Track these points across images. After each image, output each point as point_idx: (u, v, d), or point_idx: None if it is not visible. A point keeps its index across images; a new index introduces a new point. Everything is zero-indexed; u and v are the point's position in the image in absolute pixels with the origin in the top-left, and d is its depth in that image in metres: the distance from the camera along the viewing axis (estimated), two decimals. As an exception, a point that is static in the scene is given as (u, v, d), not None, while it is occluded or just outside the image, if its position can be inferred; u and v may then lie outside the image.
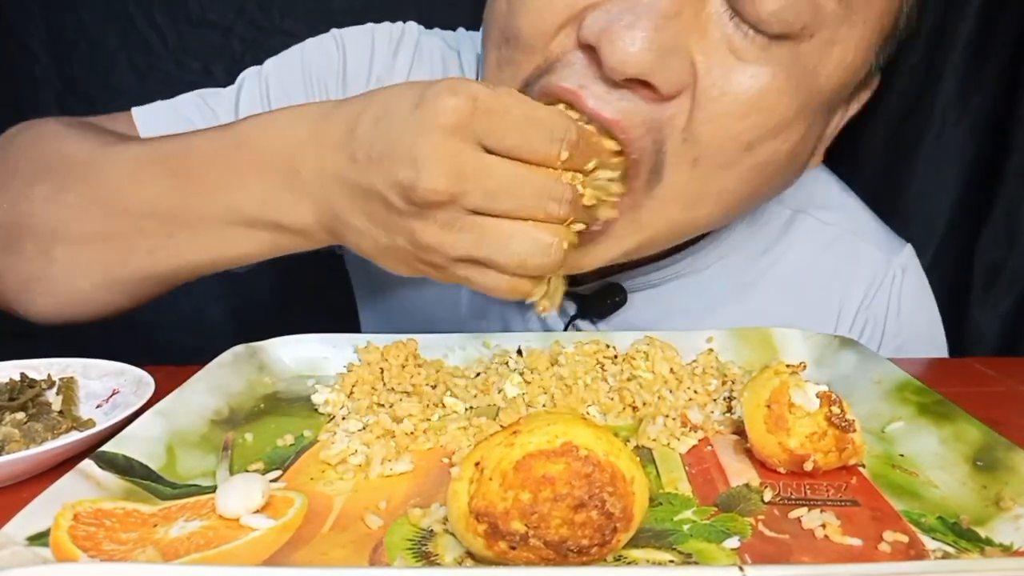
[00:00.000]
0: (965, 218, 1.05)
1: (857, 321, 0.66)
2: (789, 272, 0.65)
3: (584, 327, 0.65)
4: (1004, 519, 0.37)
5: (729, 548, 0.35)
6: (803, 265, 0.65)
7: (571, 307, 0.65)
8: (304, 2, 1.06)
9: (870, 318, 0.66)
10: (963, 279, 1.04)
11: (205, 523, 0.37)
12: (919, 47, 1.02)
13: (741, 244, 0.65)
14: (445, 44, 0.70)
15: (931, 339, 0.71)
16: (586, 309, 0.64)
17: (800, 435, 0.41)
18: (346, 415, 0.50)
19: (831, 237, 0.66)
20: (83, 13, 1.06)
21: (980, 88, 1.01)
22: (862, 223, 0.68)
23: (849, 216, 0.68)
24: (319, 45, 0.70)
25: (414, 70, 0.68)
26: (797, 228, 0.66)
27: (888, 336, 0.68)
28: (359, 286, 0.81)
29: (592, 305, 0.63)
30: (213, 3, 1.06)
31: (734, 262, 0.64)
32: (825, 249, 0.66)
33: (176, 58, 1.07)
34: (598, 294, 0.62)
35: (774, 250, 0.65)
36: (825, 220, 0.66)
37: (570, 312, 0.65)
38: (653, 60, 0.41)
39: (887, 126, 1.06)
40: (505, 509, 0.32)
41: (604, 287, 0.62)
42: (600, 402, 0.52)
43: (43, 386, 0.53)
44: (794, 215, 0.66)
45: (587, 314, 0.64)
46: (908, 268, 0.67)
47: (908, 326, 0.69)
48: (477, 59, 0.68)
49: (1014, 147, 1.00)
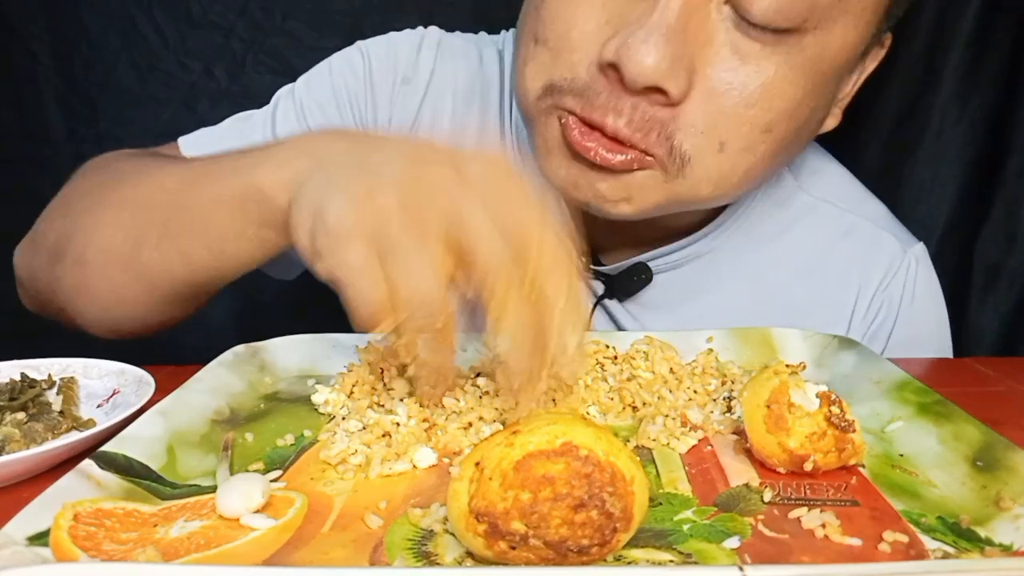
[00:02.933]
0: (965, 218, 1.05)
1: (874, 303, 0.68)
2: (810, 255, 0.67)
3: (611, 307, 0.67)
4: (1004, 519, 0.37)
5: (729, 548, 0.35)
6: (824, 249, 0.68)
7: (599, 288, 0.66)
8: (305, 2, 1.06)
9: (886, 300, 0.68)
10: (963, 279, 1.04)
11: (205, 523, 0.37)
12: (919, 47, 1.02)
13: (762, 226, 0.67)
14: (466, 43, 0.73)
15: (940, 337, 0.73)
16: (613, 288, 0.66)
17: (800, 435, 0.41)
18: (346, 415, 0.50)
19: (851, 224, 0.68)
20: (84, 13, 1.06)
21: (979, 88, 1.01)
22: (881, 216, 0.71)
23: (870, 208, 0.71)
24: (345, 58, 0.73)
25: (437, 67, 0.70)
26: (818, 214, 0.69)
27: (901, 323, 0.69)
28: None
29: (618, 284, 0.65)
30: (214, 4, 1.06)
31: (755, 243, 0.67)
32: (845, 235, 0.68)
33: (177, 58, 1.07)
34: (624, 274, 0.65)
35: (795, 232, 0.68)
36: (846, 208, 0.69)
37: (598, 292, 0.66)
38: (665, 69, 0.45)
39: (887, 126, 1.06)
40: (505, 509, 0.32)
41: (630, 267, 0.64)
42: (600, 402, 0.52)
43: (44, 386, 0.53)
44: (816, 203, 0.69)
45: (613, 293, 0.66)
46: (922, 261, 0.70)
47: (922, 318, 0.70)
48: (498, 56, 0.71)
49: (1014, 147, 1.00)
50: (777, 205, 0.68)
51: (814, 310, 0.67)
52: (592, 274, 0.66)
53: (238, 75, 1.08)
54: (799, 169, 0.71)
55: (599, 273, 0.66)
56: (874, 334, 0.69)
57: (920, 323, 0.70)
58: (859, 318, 0.68)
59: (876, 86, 1.08)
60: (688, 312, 0.66)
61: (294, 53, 1.06)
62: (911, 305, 0.69)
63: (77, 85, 1.09)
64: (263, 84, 1.07)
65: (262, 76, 1.07)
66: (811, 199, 0.69)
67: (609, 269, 0.66)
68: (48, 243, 0.58)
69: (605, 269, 0.66)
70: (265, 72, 1.07)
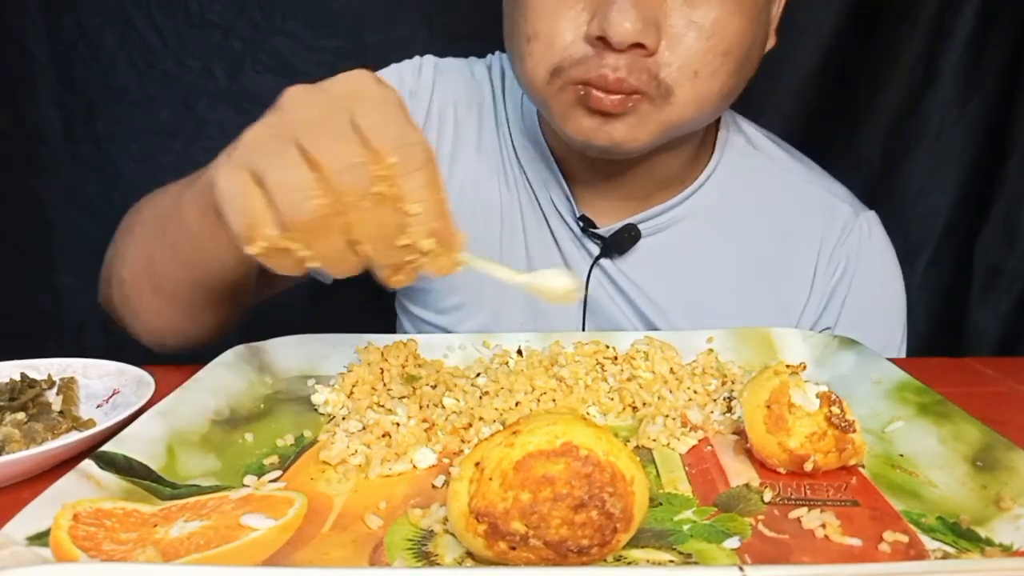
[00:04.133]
0: (964, 218, 1.05)
1: (833, 259, 0.76)
2: (776, 220, 0.77)
3: (606, 266, 0.75)
4: (1004, 519, 0.37)
5: (729, 548, 0.35)
6: (791, 215, 0.77)
7: (595, 249, 0.75)
8: (304, 2, 1.05)
9: (843, 257, 0.76)
10: (962, 279, 1.04)
11: (205, 523, 0.37)
12: (919, 47, 1.02)
13: (733, 185, 0.76)
14: (459, 63, 0.82)
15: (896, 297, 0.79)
16: (607, 248, 0.74)
17: (800, 435, 0.41)
18: (346, 415, 0.50)
19: (812, 194, 0.78)
20: (82, 13, 1.05)
21: (979, 89, 1.01)
22: (837, 188, 0.80)
23: (828, 182, 0.80)
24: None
25: (437, 82, 0.79)
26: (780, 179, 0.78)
27: (859, 280, 0.76)
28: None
29: (612, 243, 0.74)
30: (213, 3, 1.05)
31: (729, 203, 0.76)
32: (807, 202, 0.78)
33: (176, 58, 1.07)
34: (616, 234, 0.73)
35: (763, 200, 0.77)
36: (807, 180, 0.79)
37: (594, 253, 0.75)
38: (640, 28, 0.57)
39: (885, 126, 1.06)
40: (505, 509, 0.32)
41: (621, 228, 0.73)
42: (600, 402, 0.52)
43: (43, 386, 0.53)
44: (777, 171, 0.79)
45: (609, 253, 0.74)
46: (874, 225, 0.78)
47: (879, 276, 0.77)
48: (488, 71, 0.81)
49: (1013, 147, 1.00)
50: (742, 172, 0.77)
51: (781, 270, 0.75)
52: (589, 236, 0.74)
53: (237, 75, 1.07)
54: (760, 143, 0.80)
55: (595, 235, 0.74)
56: (834, 289, 0.75)
57: (876, 280, 0.77)
58: (820, 276, 0.76)
59: (876, 86, 1.09)
60: (673, 269, 0.74)
61: (293, 53, 1.06)
62: (868, 262, 0.76)
63: (75, 85, 1.08)
64: (262, 84, 1.07)
65: (261, 76, 1.07)
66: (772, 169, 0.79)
67: (603, 231, 0.74)
68: (105, 273, 0.69)
69: (600, 231, 0.74)
70: (264, 72, 1.07)
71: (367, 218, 0.40)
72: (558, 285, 0.45)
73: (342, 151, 0.39)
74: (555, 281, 0.45)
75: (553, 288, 0.45)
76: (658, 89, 0.61)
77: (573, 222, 0.75)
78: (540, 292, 0.45)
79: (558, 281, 0.45)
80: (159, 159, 1.10)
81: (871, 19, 1.02)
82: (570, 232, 0.75)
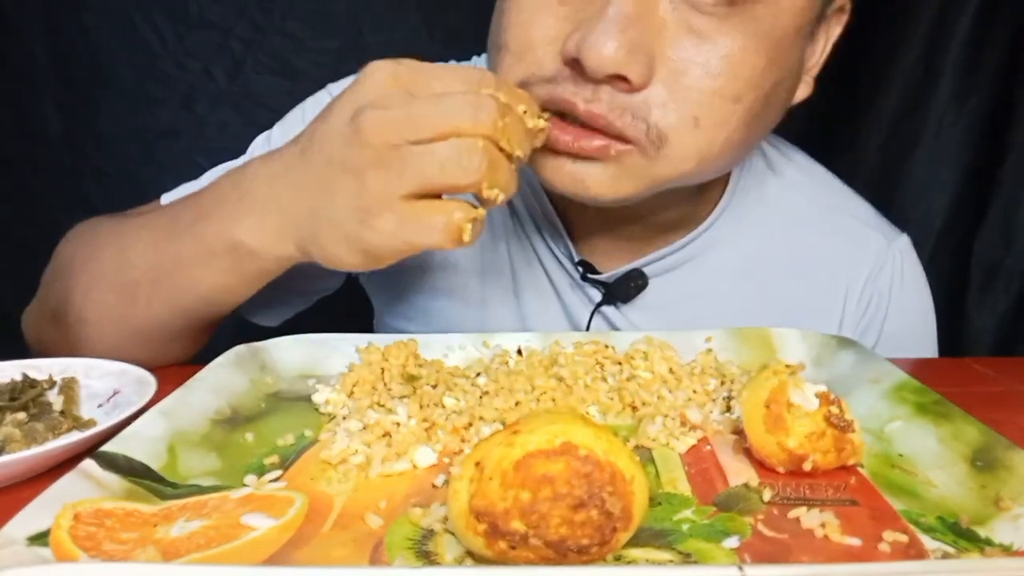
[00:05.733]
0: (962, 218, 1.05)
1: (863, 297, 0.70)
2: (798, 255, 0.69)
3: (609, 312, 0.68)
4: (1004, 519, 0.37)
5: (728, 548, 0.35)
6: (812, 247, 0.69)
7: (596, 295, 0.68)
8: (305, 2, 1.06)
9: (875, 294, 0.70)
10: (960, 279, 1.05)
11: (206, 523, 0.37)
12: (918, 47, 1.02)
13: (748, 223, 0.68)
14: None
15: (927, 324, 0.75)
16: (610, 295, 0.67)
17: (799, 435, 0.41)
18: (347, 415, 0.50)
19: (837, 223, 0.70)
20: (83, 14, 1.06)
21: (977, 88, 1.01)
22: (864, 213, 0.73)
23: (852, 206, 0.73)
24: (316, 101, 0.74)
25: None
26: (802, 213, 0.71)
27: (892, 314, 0.71)
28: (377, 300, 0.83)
29: (616, 291, 0.67)
30: (213, 4, 1.06)
31: (743, 241, 0.68)
32: (831, 234, 0.70)
33: (176, 59, 1.07)
34: (620, 280, 0.66)
35: (780, 231, 0.69)
36: (832, 208, 0.71)
37: (596, 300, 0.68)
38: (623, 57, 0.47)
39: (885, 126, 1.06)
40: (505, 508, 0.32)
41: (626, 274, 0.66)
42: (600, 402, 0.52)
43: (44, 386, 0.53)
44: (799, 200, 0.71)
45: (611, 300, 0.68)
46: (907, 253, 0.72)
47: (912, 306, 0.73)
48: None
49: (1011, 147, 1.00)
50: (760, 203, 0.70)
51: (805, 310, 0.68)
52: (590, 283, 0.68)
53: (237, 75, 1.08)
54: (779, 166, 0.73)
55: (597, 281, 0.67)
56: (867, 327, 0.71)
57: (910, 311, 0.72)
58: (850, 315, 0.70)
59: (876, 86, 1.09)
60: (684, 314, 0.67)
61: (293, 53, 1.06)
62: (900, 295, 0.71)
63: (76, 86, 1.08)
64: (262, 84, 1.07)
65: (261, 76, 1.07)
66: (794, 197, 0.71)
67: (606, 277, 0.67)
68: (50, 306, 0.63)
69: (602, 277, 0.67)
70: (264, 72, 1.07)
71: (510, 129, 0.46)
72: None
73: (458, 101, 0.44)
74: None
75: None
76: (647, 136, 0.50)
77: (572, 267, 0.68)
78: None
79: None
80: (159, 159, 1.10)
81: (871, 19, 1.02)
82: (569, 278, 0.69)
